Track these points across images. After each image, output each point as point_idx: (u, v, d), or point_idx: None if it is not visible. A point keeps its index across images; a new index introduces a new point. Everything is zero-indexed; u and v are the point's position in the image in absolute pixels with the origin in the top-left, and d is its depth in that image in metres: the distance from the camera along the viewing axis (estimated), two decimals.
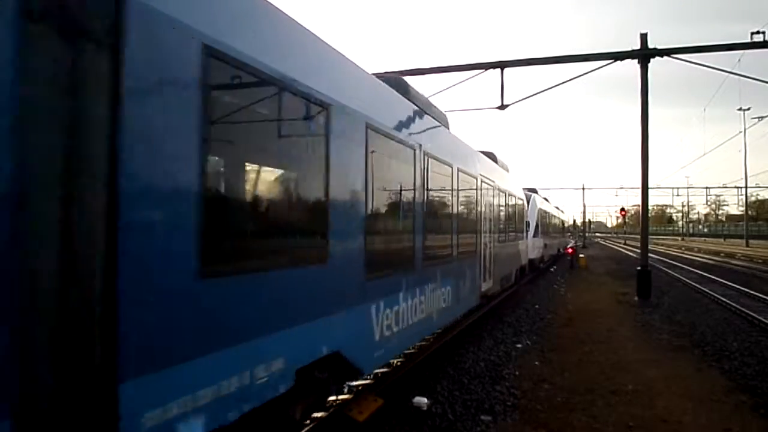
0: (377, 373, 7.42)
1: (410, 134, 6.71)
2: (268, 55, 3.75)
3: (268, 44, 3.87)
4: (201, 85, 3.11)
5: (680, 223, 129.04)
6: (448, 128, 9.23)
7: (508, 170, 15.56)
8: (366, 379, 7.02)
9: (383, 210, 6.14)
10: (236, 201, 3.74)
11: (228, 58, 3.33)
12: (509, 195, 14.62)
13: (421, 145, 7.00)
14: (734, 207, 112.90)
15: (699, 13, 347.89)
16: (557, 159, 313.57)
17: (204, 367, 3.14)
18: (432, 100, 9.62)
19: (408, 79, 8.48)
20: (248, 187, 3.95)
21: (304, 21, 4.42)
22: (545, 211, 28.54)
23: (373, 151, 5.40)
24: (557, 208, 43.95)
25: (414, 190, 6.77)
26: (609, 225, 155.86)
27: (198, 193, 3.07)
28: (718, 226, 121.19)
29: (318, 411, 5.59)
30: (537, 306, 15.00)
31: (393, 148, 6.17)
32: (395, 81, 7.26)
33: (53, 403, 2.36)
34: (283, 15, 4.19)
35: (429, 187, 7.21)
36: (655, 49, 15.24)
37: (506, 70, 15.69)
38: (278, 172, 4.30)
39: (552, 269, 28.41)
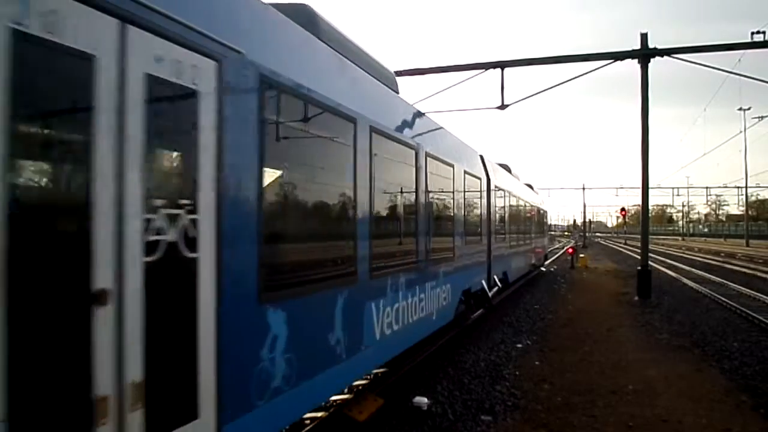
0: (377, 372, 7.42)
1: None
2: None
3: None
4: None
5: (680, 223, 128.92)
6: None
7: None
8: (365, 378, 7.02)
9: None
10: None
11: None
12: None
13: None
14: (734, 207, 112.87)
15: (699, 13, 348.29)
16: (557, 159, 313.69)
17: None
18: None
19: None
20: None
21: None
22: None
23: None
24: (510, 173, 17.08)
25: None
26: (609, 225, 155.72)
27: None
28: (718, 226, 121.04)
29: None
30: (537, 306, 15.01)
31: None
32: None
33: None
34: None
35: None
36: (655, 48, 15.24)
37: (506, 70, 15.70)
38: None
39: (552, 269, 28.38)
